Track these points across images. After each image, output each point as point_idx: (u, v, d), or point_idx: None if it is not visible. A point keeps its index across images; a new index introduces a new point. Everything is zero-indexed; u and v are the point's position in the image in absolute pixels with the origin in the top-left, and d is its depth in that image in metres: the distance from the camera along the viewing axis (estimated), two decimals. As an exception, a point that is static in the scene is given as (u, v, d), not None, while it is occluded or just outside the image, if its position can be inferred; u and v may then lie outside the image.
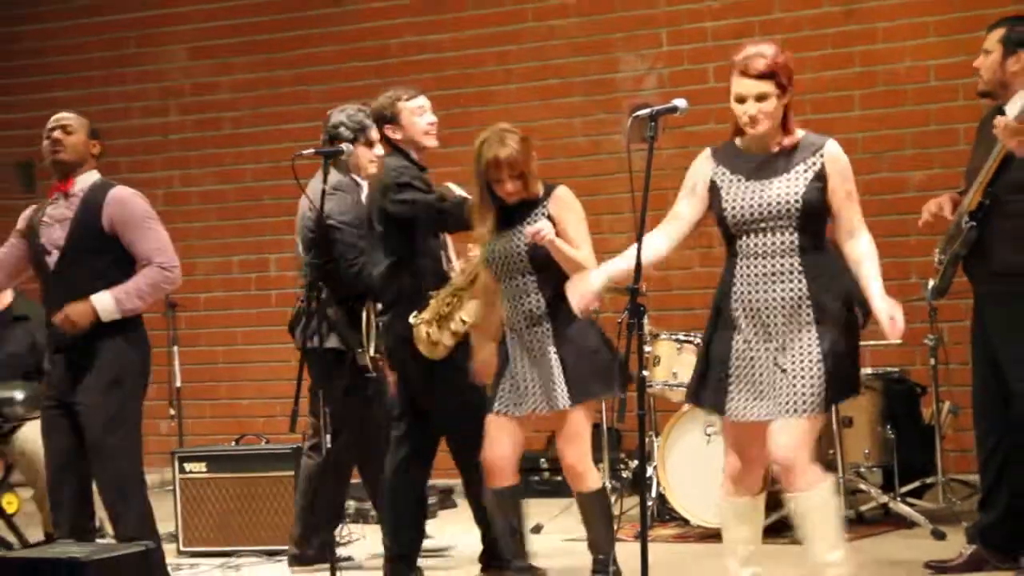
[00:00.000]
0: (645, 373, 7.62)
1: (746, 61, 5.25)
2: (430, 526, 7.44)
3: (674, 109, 5.44)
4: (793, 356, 5.22)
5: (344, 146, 6.59)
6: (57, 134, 6.38)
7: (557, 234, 6.08)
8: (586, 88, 10.13)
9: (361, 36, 10.65)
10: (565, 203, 6.22)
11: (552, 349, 6.10)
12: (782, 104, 5.27)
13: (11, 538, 7.86)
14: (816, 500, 5.24)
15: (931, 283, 6.61)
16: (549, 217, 6.15)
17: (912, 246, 8.67)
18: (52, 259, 6.31)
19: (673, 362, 7.98)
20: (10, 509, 8.09)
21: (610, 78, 10.09)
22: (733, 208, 5.31)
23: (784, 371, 5.21)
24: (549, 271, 6.14)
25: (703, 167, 5.43)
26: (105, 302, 6.18)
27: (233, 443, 8.43)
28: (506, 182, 6.11)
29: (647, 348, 7.89)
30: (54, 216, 6.36)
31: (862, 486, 7.93)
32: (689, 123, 9.35)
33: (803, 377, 5.19)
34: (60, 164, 6.38)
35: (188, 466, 7.99)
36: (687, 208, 5.45)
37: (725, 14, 9.79)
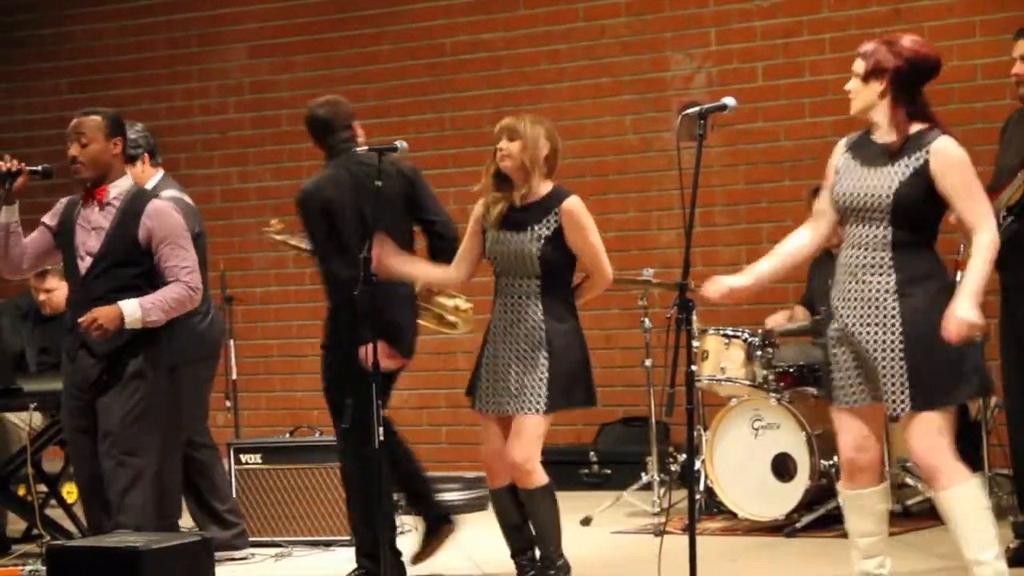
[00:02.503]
0: (693, 368, 7.71)
1: None
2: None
3: (723, 107, 5.48)
4: (879, 348, 5.24)
5: (398, 143, 6.60)
6: (74, 150, 6.33)
7: (565, 245, 6.23)
8: (636, 86, 10.20)
9: (415, 35, 10.75)
10: (575, 218, 6.27)
11: (544, 355, 6.19)
12: (872, 88, 5.30)
13: (71, 527, 7.98)
14: (954, 499, 5.24)
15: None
16: (559, 227, 6.24)
17: (959, 242, 8.70)
18: (84, 265, 6.32)
19: (721, 357, 8.04)
20: (70, 499, 8.19)
21: (660, 77, 10.15)
22: (840, 192, 5.35)
23: (871, 365, 5.25)
24: (555, 277, 6.25)
25: (834, 155, 5.44)
26: (132, 309, 6.17)
27: (288, 435, 8.52)
28: (501, 141, 6.26)
29: (695, 343, 7.95)
30: (91, 222, 6.34)
31: (909, 480, 7.96)
32: (738, 121, 9.45)
33: (889, 372, 5.22)
34: (83, 181, 6.36)
35: (244, 457, 8.05)
36: (825, 200, 5.47)
37: (774, 13, 9.84)
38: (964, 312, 5.11)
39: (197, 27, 11.47)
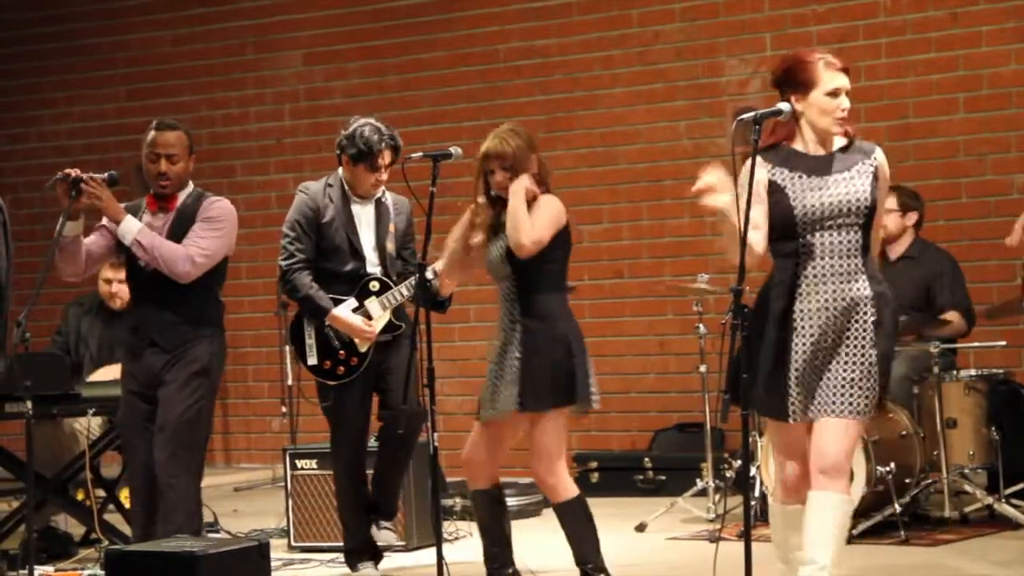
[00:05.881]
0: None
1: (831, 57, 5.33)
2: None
3: (778, 112, 5.45)
4: (851, 358, 5.22)
5: (453, 149, 6.60)
6: (164, 166, 6.52)
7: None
8: (690, 92, 10.18)
9: (469, 42, 10.77)
10: (540, 203, 6.20)
11: (516, 354, 6.13)
12: None
13: (129, 531, 8.02)
14: (831, 502, 5.20)
15: None
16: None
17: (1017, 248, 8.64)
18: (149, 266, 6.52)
19: (776, 363, 8.00)
20: (128, 503, 8.23)
21: (714, 82, 10.13)
22: (802, 205, 5.29)
23: (840, 373, 5.21)
24: (525, 276, 6.17)
25: (756, 172, 5.34)
26: (133, 224, 6.40)
27: (343, 440, 8.51)
28: (496, 173, 6.22)
29: (750, 349, 7.91)
30: (155, 227, 6.54)
31: (967, 487, 7.90)
32: (793, 126, 9.40)
33: (861, 380, 5.19)
34: (166, 197, 6.57)
35: (300, 463, 8.08)
36: (759, 214, 5.38)
37: (829, 18, 9.80)
38: None
39: (252, 35, 11.54)
